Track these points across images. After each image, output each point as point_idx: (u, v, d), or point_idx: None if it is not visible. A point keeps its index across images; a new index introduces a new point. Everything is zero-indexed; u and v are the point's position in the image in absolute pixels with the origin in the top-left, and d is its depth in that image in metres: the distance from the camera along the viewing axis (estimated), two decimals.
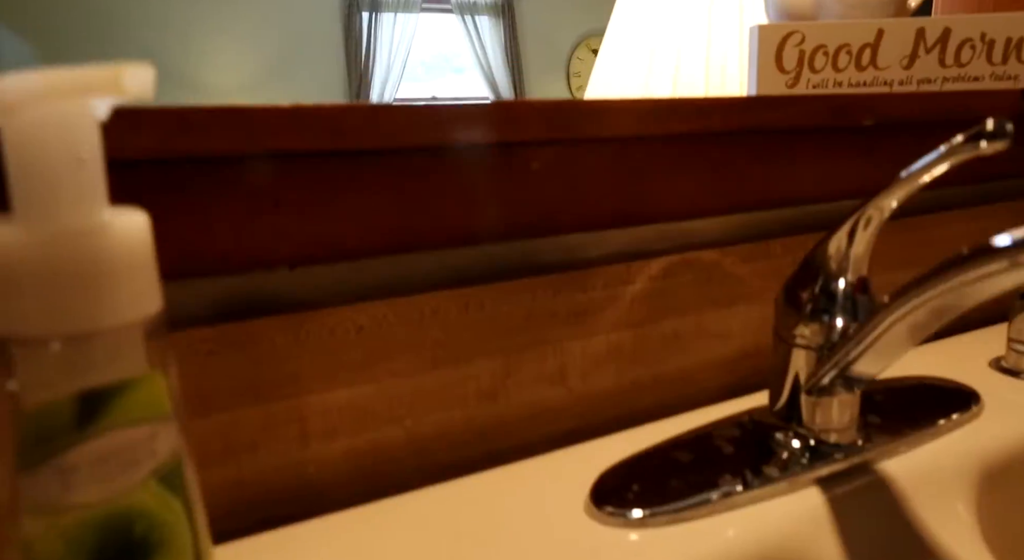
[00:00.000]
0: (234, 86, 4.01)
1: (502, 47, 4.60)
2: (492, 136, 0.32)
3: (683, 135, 0.37)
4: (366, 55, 4.23)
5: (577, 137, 0.34)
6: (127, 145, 0.26)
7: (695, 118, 0.36)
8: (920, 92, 0.58)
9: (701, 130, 0.37)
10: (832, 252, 0.30)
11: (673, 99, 0.35)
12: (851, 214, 0.30)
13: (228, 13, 3.94)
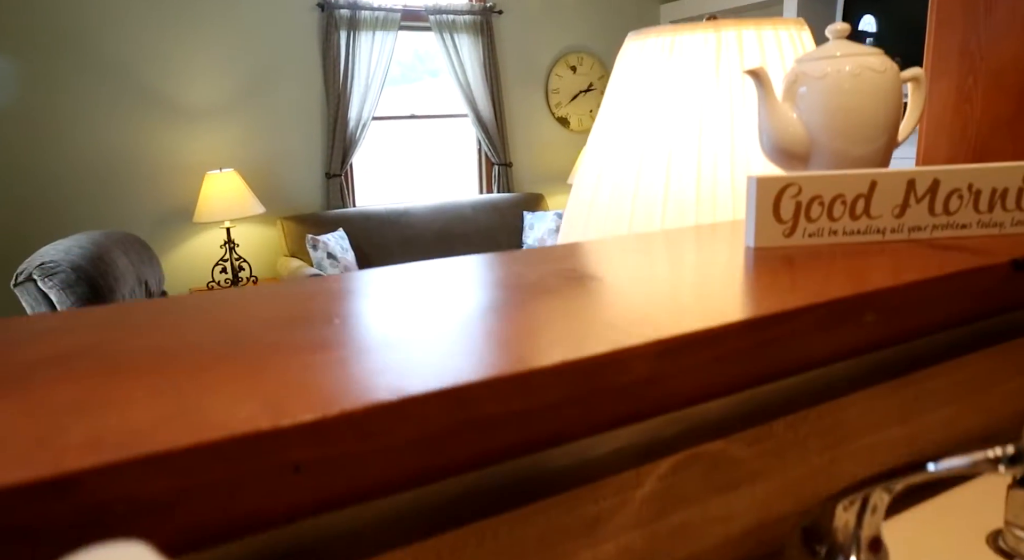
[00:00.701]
0: (212, 106, 3.96)
1: (481, 64, 4.60)
2: (512, 406, 0.33)
3: (696, 364, 0.37)
4: (344, 74, 4.21)
5: (594, 387, 0.34)
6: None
7: (707, 348, 0.37)
8: (911, 239, 0.60)
9: (712, 358, 0.38)
10: (839, 525, 0.31)
11: (684, 335, 0.36)
12: (859, 488, 0.31)
13: (205, 34, 3.89)
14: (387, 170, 4.66)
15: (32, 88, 3.56)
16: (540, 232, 4.52)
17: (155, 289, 2.76)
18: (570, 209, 1.00)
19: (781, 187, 0.57)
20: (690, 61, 0.84)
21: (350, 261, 3.90)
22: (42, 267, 2.20)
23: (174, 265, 3.98)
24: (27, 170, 3.60)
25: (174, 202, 3.94)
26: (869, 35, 4.16)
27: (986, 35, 0.67)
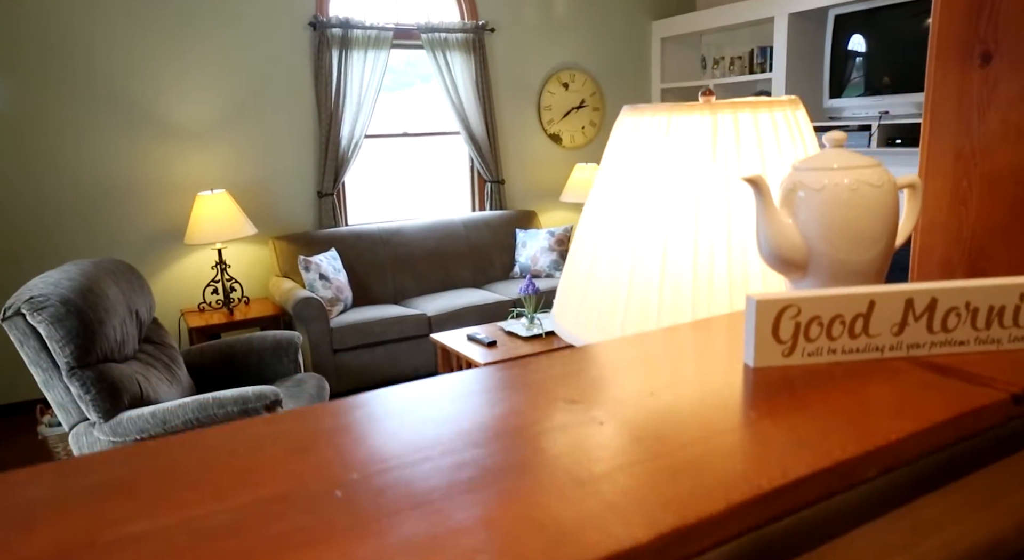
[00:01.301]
0: (203, 126, 3.94)
1: (473, 82, 4.60)
2: None
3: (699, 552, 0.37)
4: (336, 93, 4.20)
5: None
6: None
7: (711, 534, 0.37)
8: (910, 356, 0.60)
9: (714, 542, 0.37)
10: None
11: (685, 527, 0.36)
12: None
13: (197, 54, 3.87)
14: (379, 188, 4.65)
15: (22, 109, 3.53)
16: (533, 250, 4.52)
17: (145, 318, 2.74)
18: (568, 274, 1.00)
19: (780, 309, 0.56)
20: (686, 142, 0.85)
21: (342, 282, 3.89)
22: (31, 301, 2.18)
23: (165, 286, 3.96)
24: (17, 191, 3.58)
25: (165, 223, 3.92)
26: (859, 54, 4.19)
27: (980, 142, 0.67)
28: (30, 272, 3.64)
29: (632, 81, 5.36)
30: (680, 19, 5.14)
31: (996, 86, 0.66)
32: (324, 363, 3.58)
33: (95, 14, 3.61)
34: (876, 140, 3.91)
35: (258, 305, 3.94)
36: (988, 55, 0.66)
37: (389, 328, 3.72)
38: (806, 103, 4.44)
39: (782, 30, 4.39)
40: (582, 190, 4.81)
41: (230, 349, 3.00)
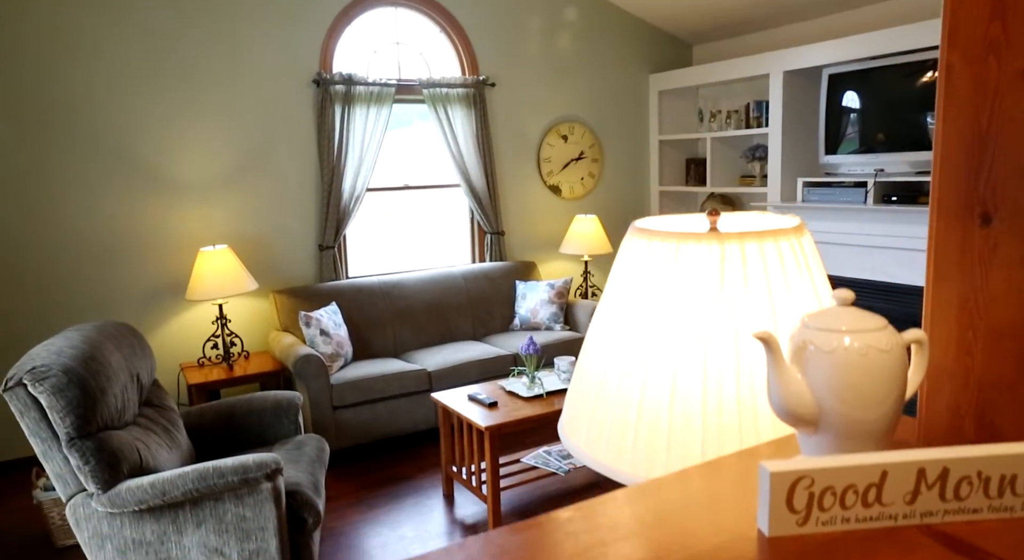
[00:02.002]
0: (206, 181, 3.99)
1: (474, 135, 4.67)
2: None
3: None
4: (338, 148, 4.25)
5: None
6: None
7: None
8: (923, 524, 0.60)
9: None
10: None
11: None
12: None
13: (201, 110, 3.93)
14: (380, 239, 4.68)
15: (24, 163, 3.57)
16: (533, 302, 4.53)
17: (146, 381, 2.73)
18: (578, 388, 1.01)
19: (794, 480, 0.57)
20: (694, 271, 0.86)
21: (343, 337, 3.89)
22: (33, 371, 2.18)
23: (165, 340, 3.95)
24: (19, 245, 3.59)
25: (167, 277, 3.93)
26: (853, 111, 4.26)
27: (983, 297, 0.69)
28: (30, 328, 3.64)
29: (630, 133, 5.44)
30: (677, 73, 5.24)
31: (997, 247, 0.67)
32: (324, 420, 3.56)
33: (98, 70, 3.67)
34: (872, 197, 3.96)
35: (258, 359, 3.93)
36: (988, 217, 0.68)
37: (389, 384, 3.71)
38: (802, 158, 4.52)
39: (777, 86, 4.47)
40: (581, 242, 4.85)
41: (230, 410, 2.99)
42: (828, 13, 4.59)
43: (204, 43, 3.90)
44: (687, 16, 5.11)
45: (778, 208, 4.43)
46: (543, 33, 4.95)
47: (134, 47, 3.73)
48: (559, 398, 3.18)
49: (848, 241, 4.09)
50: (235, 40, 3.97)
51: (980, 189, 0.67)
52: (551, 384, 3.29)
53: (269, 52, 4.07)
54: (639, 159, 5.51)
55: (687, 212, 5.63)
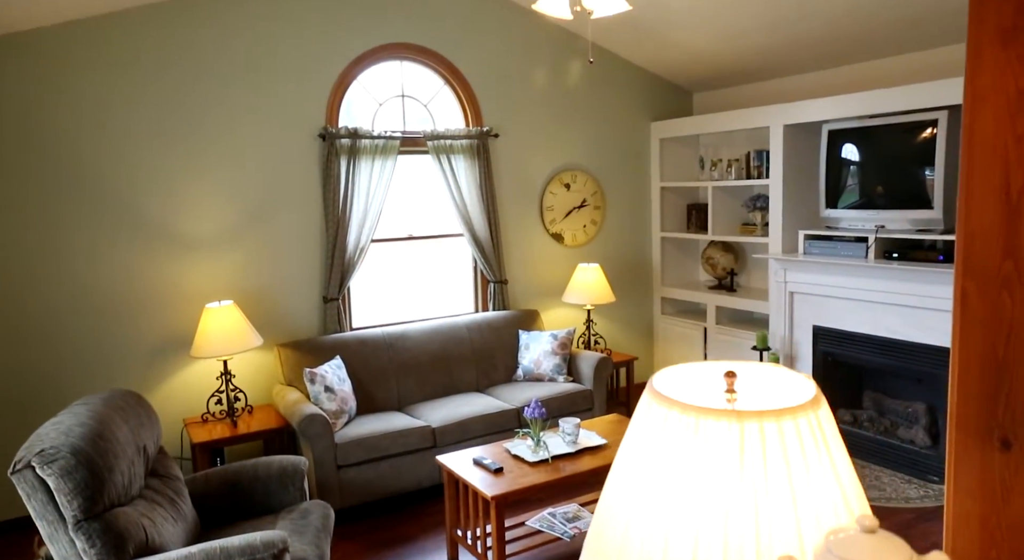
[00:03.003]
0: (212, 235, 4.01)
1: (477, 186, 4.71)
2: None
3: None
4: (344, 200, 4.29)
5: None
6: None
7: None
8: None
9: None
10: None
11: None
12: None
13: (207, 164, 3.97)
14: (384, 289, 4.70)
15: (32, 219, 3.60)
16: (536, 353, 4.54)
17: (152, 451, 2.73)
18: (598, 541, 1.01)
19: None
20: (714, 447, 0.88)
21: (347, 392, 3.88)
22: (42, 454, 2.18)
23: (169, 395, 3.95)
24: (26, 301, 3.61)
25: (172, 332, 3.94)
26: (853, 163, 4.30)
27: (1006, 520, 0.70)
28: (35, 382, 3.64)
29: (632, 180, 5.48)
30: (678, 122, 5.30)
31: (1018, 472, 0.68)
32: (328, 479, 3.55)
33: (104, 126, 3.71)
34: (873, 253, 3.98)
35: (262, 414, 3.93)
36: (1008, 442, 0.69)
37: (394, 442, 3.70)
38: (803, 210, 4.55)
39: (778, 138, 4.52)
40: (584, 292, 4.87)
41: (235, 477, 2.98)
42: (827, 67, 4.66)
43: (210, 99, 3.94)
44: (687, 66, 5.18)
45: (780, 261, 4.46)
46: (546, 83, 5.02)
47: (140, 103, 3.78)
48: (564, 463, 3.17)
49: (849, 295, 4.11)
50: (241, 96, 4.02)
51: (1000, 414, 0.69)
52: (556, 447, 3.29)
53: (276, 107, 4.12)
54: (641, 205, 5.55)
55: (689, 259, 5.66)
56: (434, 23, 4.55)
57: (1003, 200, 0.69)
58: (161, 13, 3.78)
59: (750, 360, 4.73)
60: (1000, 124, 0.65)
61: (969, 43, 0.69)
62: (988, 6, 0.65)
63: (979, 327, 0.70)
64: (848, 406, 4.41)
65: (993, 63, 0.65)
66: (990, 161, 0.69)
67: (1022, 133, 0.64)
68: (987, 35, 0.66)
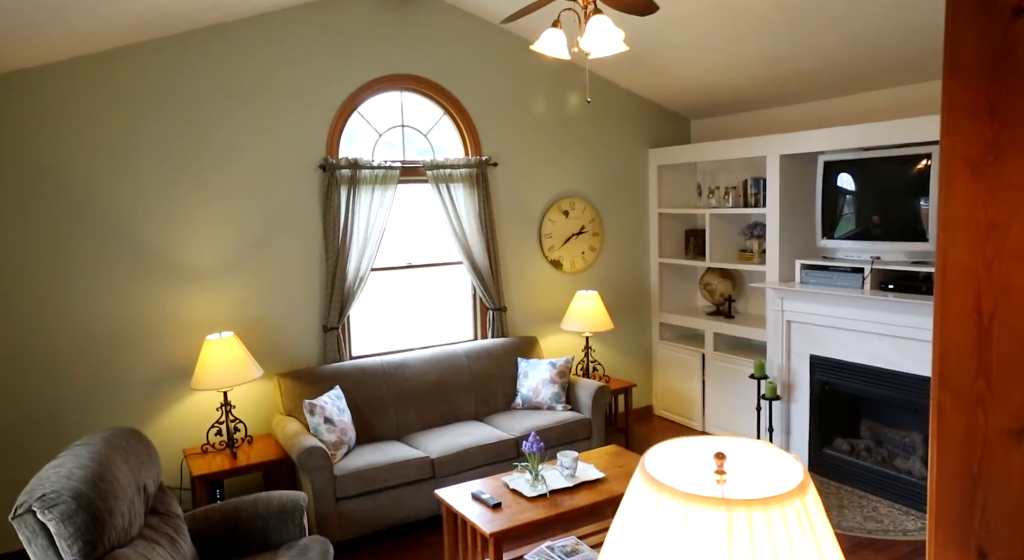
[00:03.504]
0: (213, 267, 4.04)
1: (476, 214, 4.74)
2: None
3: None
4: (344, 230, 4.32)
5: None
6: None
7: None
8: None
9: None
10: None
11: None
12: None
13: (206, 194, 4.01)
14: (384, 317, 4.72)
15: (33, 251, 3.63)
16: (534, 381, 4.56)
17: (152, 489, 2.75)
18: None
19: None
20: (703, 535, 0.90)
21: (346, 423, 3.90)
22: (43, 498, 2.20)
23: (169, 425, 3.96)
24: (26, 332, 3.63)
25: (173, 362, 3.96)
26: (849, 192, 4.35)
27: None
28: (36, 414, 3.65)
29: (630, 206, 5.53)
30: (675, 149, 5.35)
31: None
32: (327, 511, 3.56)
33: (105, 157, 3.75)
34: (869, 284, 4.01)
35: (262, 444, 3.94)
36: (984, 552, 0.72)
37: (393, 474, 3.71)
38: (800, 239, 4.59)
39: (774, 168, 4.57)
40: (583, 319, 4.89)
41: (235, 513, 2.99)
42: (823, 98, 4.71)
43: (211, 131, 3.99)
44: (685, 95, 5.24)
45: (777, 290, 4.48)
46: (544, 112, 5.07)
47: (141, 136, 3.82)
48: (562, 497, 3.19)
49: (846, 325, 4.13)
50: (242, 128, 4.07)
51: (976, 525, 0.71)
52: (554, 481, 3.30)
53: (276, 139, 4.17)
54: (639, 231, 5.59)
55: (687, 284, 5.69)
56: (434, 55, 4.61)
57: (975, 321, 0.72)
58: (162, 47, 3.83)
59: (747, 387, 4.76)
60: (971, 250, 0.68)
61: (941, 172, 0.71)
62: (957, 139, 0.68)
63: (955, 441, 0.73)
64: (846, 435, 4.43)
65: (963, 193, 0.68)
66: (963, 284, 0.72)
67: (992, 259, 0.67)
68: (958, 166, 0.69)
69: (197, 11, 3.57)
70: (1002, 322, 0.70)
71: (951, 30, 0.69)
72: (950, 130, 0.68)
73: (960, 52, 0.68)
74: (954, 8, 0.68)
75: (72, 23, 3.07)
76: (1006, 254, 0.66)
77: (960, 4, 0.67)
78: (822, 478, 4.38)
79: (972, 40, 0.68)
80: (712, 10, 3.81)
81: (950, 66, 0.70)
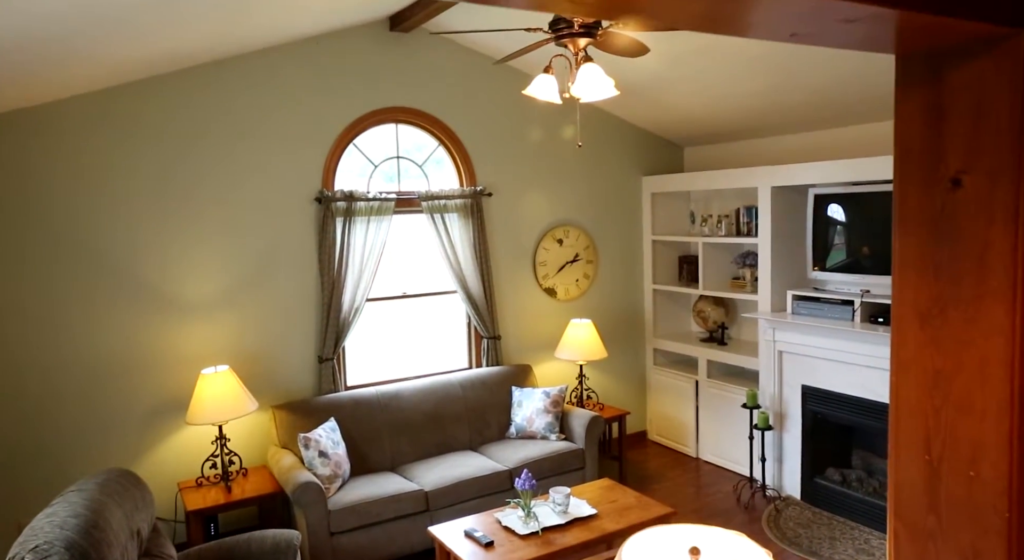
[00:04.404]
0: (208, 300, 4.07)
1: (471, 244, 4.78)
2: None
3: None
4: (339, 261, 4.35)
5: None
6: None
7: None
8: None
9: None
10: None
11: None
12: None
13: (203, 228, 4.04)
14: (379, 347, 4.75)
15: (29, 285, 3.65)
16: (528, 411, 4.58)
17: (145, 533, 2.76)
18: None
19: None
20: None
21: (341, 456, 3.92)
22: (36, 551, 2.21)
23: (163, 458, 3.98)
24: (21, 365, 3.65)
25: (168, 396, 3.98)
26: (839, 222, 4.39)
27: None
28: (28, 447, 3.67)
29: (624, 233, 5.57)
30: (669, 178, 5.40)
31: None
32: (321, 546, 3.57)
33: (102, 193, 3.79)
34: (859, 316, 4.05)
35: (256, 477, 3.96)
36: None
37: (386, 508, 3.73)
38: (792, 270, 4.63)
39: (766, 199, 4.61)
40: (576, 348, 4.92)
41: (229, 553, 3.01)
42: (815, 130, 4.76)
43: (207, 165, 4.03)
44: (678, 125, 5.29)
45: (769, 320, 4.52)
46: (538, 141, 5.12)
47: (138, 171, 3.86)
48: (554, 534, 3.21)
49: (836, 357, 4.17)
50: (238, 162, 4.11)
51: None
52: (546, 517, 3.32)
53: (272, 173, 4.21)
54: (633, 258, 5.63)
55: (681, 311, 5.72)
56: (429, 87, 4.66)
57: (926, 461, 0.76)
58: (159, 84, 3.87)
59: (741, 415, 4.78)
60: (921, 395, 0.71)
61: (893, 319, 0.75)
62: (907, 290, 0.72)
63: None
64: (838, 465, 4.45)
65: (914, 340, 0.71)
66: (914, 424, 0.75)
67: (939, 406, 0.70)
68: (908, 315, 0.72)
69: (195, 50, 3.62)
70: (949, 466, 0.73)
71: (899, 189, 0.72)
72: (900, 281, 0.71)
73: (907, 211, 0.72)
74: (901, 173, 0.71)
75: (72, 69, 3.12)
76: (951, 404, 0.69)
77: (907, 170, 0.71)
78: (814, 508, 4.40)
79: (917, 203, 0.71)
80: (706, 49, 3.86)
81: (899, 223, 0.73)
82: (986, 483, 0.68)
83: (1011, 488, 0.67)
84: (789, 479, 4.58)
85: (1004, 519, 0.67)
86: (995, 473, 0.67)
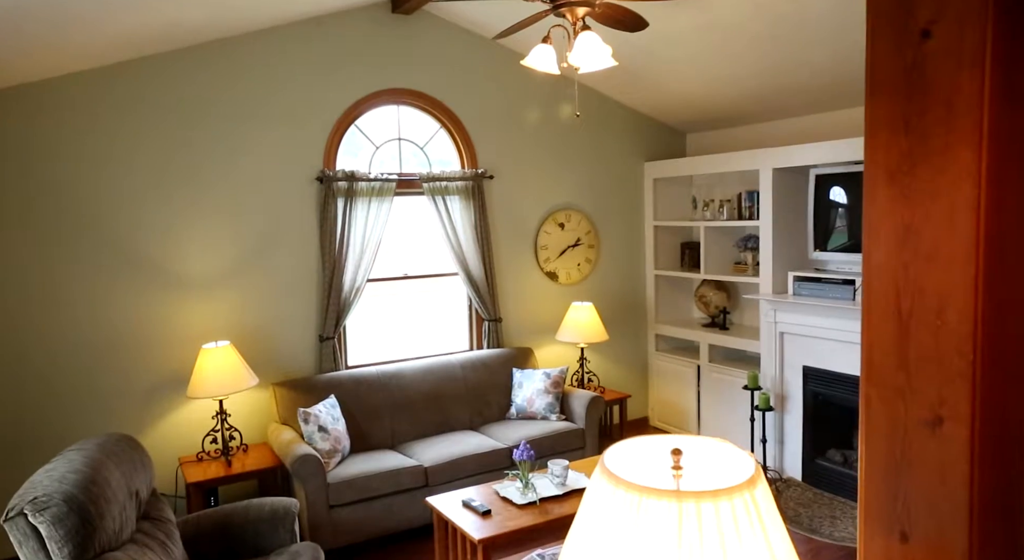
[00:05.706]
0: (210, 276, 4.09)
1: (472, 226, 4.79)
2: None
3: None
4: (340, 241, 4.37)
5: None
6: None
7: None
8: None
9: None
10: None
11: None
12: None
13: (205, 206, 4.07)
14: (380, 328, 4.76)
15: (32, 262, 3.68)
16: (529, 391, 4.59)
17: (145, 495, 2.78)
18: None
19: None
20: (655, 524, 0.93)
21: (340, 431, 3.93)
22: (34, 502, 2.23)
23: (165, 433, 4.00)
24: (24, 340, 3.68)
25: (169, 371, 4.00)
26: (841, 205, 4.39)
27: None
28: (32, 420, 3.69)
29: (626, 219, 5.57)
30: (671, 163, 5.41)
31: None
32: (320, 519, 3.58)
33: (105, 170, 3.82)
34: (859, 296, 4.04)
35: (256, 452, 3.97)
36: (905, 535, 0.75)
37: (385, 482, 3.74)
38: (793, 252, 4.62)
39: (767, 182, 4.61)
40: (577, 330, 4.93)
41: (227, 519, 3.02)
42: (816, 112, 4.76)
43: (209, 144, 4.06)
44: (680, 109, 5.30)
45: (770, 301, 4.52)
46: (540, 125, 5.13)
47: (140, 148, 3.89)
48: (552, 505, 3.21)
49: (837, 337, 4.16)
50: (240, 141, 4.13)
51: (898, 511, 0.75)
52: (544, 488, 3.32)
53: (274, 151, 4.23)
54: (634, 244, 5.64)
55: (682, 296, 5.72)
56: (431, 69, 4.68)
57: (896, 319, 0.76)
58: (162, 62, 3.90)
59: (742, 398, 4.78)
60: (890, 252, 0.72)
61: (865, 181, 0.76)
62: (878, 150, 0.72)
63: (880, 431, 0.77)
64: (839, 446, 4.44)
65: (883, 200, 0.72)
66: (884, 284, 0.76)
67: (908, 261, 0.71)
68: (878, 174, 0.73)
69: (197, 26, 3.65)
70: (918, 320, 0.73)
71: (870, 49, 0.73)
72: (872, 142, 0.72)
73: (878, 70, 0.73)
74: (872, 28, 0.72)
75: (72, 37, 3.15)
76: (920, 256, 0.69)
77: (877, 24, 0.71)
78: (815, 489, 4.39)
79: (888, 59, 0.72)
80: (706, 27, 3.87)
81: (870, 83, 0.74)
82: (952, 329, 0.69)
83: (976, 331, 0.68)
84: (790, 460, 4.56)
85: (968, 361, 0.68)
86: (960, 318, 0.68)
